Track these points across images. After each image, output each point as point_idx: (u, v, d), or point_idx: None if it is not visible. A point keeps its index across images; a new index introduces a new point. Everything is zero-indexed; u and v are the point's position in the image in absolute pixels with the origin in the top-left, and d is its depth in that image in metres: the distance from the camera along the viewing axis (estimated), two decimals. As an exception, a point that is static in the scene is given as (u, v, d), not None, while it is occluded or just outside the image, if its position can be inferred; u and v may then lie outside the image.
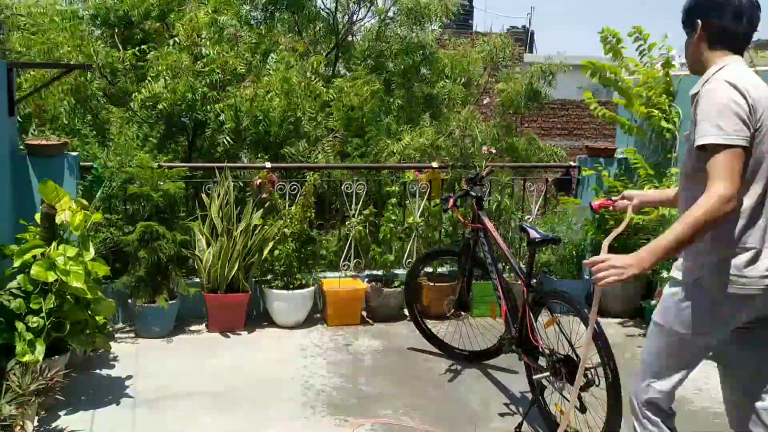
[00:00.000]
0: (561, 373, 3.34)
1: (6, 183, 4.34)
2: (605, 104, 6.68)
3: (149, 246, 4.70)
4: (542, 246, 4.48)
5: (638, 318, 5.45)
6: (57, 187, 4.00)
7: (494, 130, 8.79)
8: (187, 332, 4.92)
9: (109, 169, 4.85)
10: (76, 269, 3.62)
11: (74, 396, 3.74)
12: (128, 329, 4.88)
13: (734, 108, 2.09)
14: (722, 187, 2.05)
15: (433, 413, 3.78)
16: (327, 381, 4.15)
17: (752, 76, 2.20)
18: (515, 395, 4.00)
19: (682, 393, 4.12)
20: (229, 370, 4.29)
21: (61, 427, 3.47)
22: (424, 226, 5.67)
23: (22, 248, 3.70)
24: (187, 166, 5.36)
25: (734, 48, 2.28)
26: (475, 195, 4.31)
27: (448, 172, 5.68)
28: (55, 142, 4.69)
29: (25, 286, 3.59)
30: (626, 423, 3.20)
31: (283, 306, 5.06)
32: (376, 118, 7.83)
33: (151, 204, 4.82)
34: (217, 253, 4.92)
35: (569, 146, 16.45)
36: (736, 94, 2.10)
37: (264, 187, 5.22)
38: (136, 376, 4.12)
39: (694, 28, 2.32)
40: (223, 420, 3.63)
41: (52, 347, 3.63)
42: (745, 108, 2.09)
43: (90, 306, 3.79)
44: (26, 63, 6.22)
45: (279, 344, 4.79)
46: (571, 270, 5.53)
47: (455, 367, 4.41)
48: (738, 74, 2.18)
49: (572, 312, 3.39)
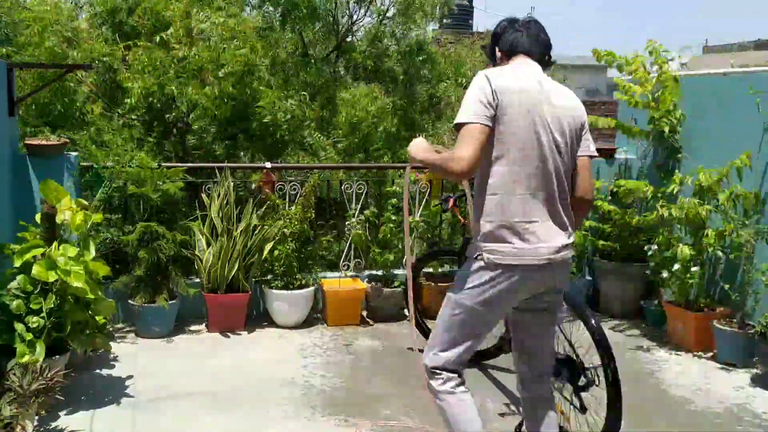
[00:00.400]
0: (561, 374, 3.33)
1: (6, 183, 4.34)
2: (605, 104, 6.67)
3: (149, 246, 4.71)
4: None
5: (638, 318, 5.45)
6: (58, 186, 4.00)
7: None
8: (187, 332, 4.92)
9: (109, 170, 4.85)
10: (77, 269, 3.62)
11: (74, 396, 3.74)
12: (128, 329, 4.88)
13: (478, 94, 2.44)
14: (458, 151, 2.40)
15: (433, 413, 3.75)
16: (327, 381, 4.15)
17: (512, 69, 2.56)
18: (515, 395, 3.99)
19: (682, 393, 4.13)
20: (229, 370, 4.29)
21: (61, 427, 3.47)
22: (424, 226, 5.67)
23: (23, 248, 3.70)
24: (186, 166, 5.36)
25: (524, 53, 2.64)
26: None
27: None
28: (55, 142, 4.69)
29: (26, 287, 3.59)
30: (626, 423, 3.21)
31: (283, 306, 5.06)
32: (384, 135, 7.76)
33: (150, 204, 4.83)
34: (217, 253, 4.92)
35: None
36: (484, 83, 2.46)
37: (263, 187, 5.22)
38: (136, 376, 4.12)
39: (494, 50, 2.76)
40: (223, 420, 3.63)
41: (52, 347, 3.63)
42: (488, 93, 2.43)
43: (90, 306, 3.79)
44: (26, 63, 6.21)
45: (279, 344, 4.79)
46: (571, 270, 5.53)
47: (455, 367, 4.40)
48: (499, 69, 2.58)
49: (572, 312, 3.39)
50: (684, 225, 4.86)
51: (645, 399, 4.02)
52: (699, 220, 4.73)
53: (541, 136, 2.45)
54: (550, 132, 2.48)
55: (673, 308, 4.93)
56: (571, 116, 2.55)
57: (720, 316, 4.70)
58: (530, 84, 2.50)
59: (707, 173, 4.77)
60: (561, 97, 2.55)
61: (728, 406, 3.96)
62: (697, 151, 5.18)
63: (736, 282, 4.78)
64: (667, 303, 5.02)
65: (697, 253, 4.73)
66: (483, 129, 2.40)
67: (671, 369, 4.51)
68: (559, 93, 2.56)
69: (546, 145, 2.46)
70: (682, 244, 4.74)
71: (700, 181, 4.78)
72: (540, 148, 2.45)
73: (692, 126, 5.30)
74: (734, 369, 4.48)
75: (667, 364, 4.60)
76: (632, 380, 4.08)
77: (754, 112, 4.66)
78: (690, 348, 4.79)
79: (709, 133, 5.14)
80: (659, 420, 3.77)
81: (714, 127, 5.10)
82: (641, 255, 5.29)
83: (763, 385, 4.24)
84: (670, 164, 5.39)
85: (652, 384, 4.27)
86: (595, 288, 5.70)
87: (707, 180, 4.75)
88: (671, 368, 4.52)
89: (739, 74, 5.27)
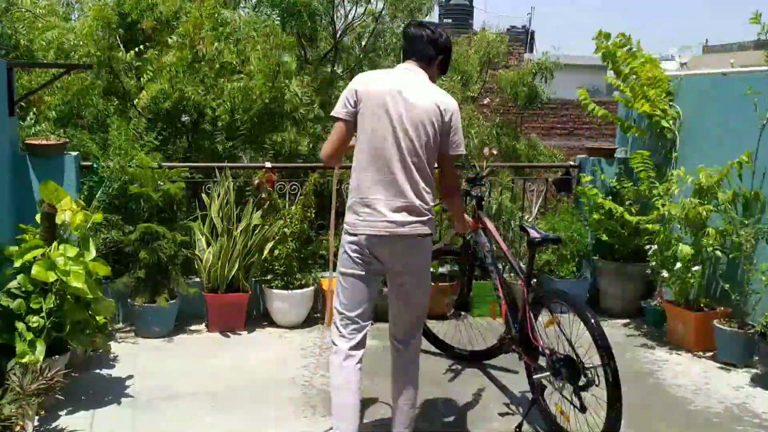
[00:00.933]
0: (561, 373, 3.34)
1: (6, 183, 4.34)
2: (605, 104, 6.67)
3: (149, 246, 4.70)
4: (542, 246, 4.48)
5: (638, 318, 5.45)
6: (58, 187, 4.00)
7: (494, 130, 8.79)
8: (187, 332, 4.92)
9: (109, 170, 4.85)
10: (76, 269, 3.61)
11: (74, 396, 3.74)
12: (128, 329, 4.88)
13: (345, 93, 2.94)
14: (325, 146, 3.00)
15: (433, 413, 3.78)
16: (327, 381, 4.14)
17: (381, 73, 3.08)
18: (515, 395, 4.00)
19: (682, 393, 4.13)
20: (229, 370, 4.29)
21: (61, 427, 3.47)
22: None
23: (23, 248, 3.70)
24: (187, 166, 5.36)
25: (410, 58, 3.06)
26: (476, 195, 4.31)
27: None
28: (55, 142, 4.69)
29: (26, 286, 3.59)
30: (626, 423, 3.21)
31: (283, 306, 5.06)
32: None
33: (151, 204, 4.83)
34: (217, 252, 4.92)
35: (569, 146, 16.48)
36: (351, 85, 2.96)
37: (263, 186, 5.22)
38: (136, 376, 4.12)
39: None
40: (223, 420, 3.63)
41: (53, 347, 3.63)
42: (352, 93, 2.91)
43: (90, 306, 3.79)
44: (26, 63, 6.22)
45: (279, 344, 4.79)
46: (571, 270, 5.53)
47: (455, 367, 4.41)
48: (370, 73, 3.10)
49: (572, 312, 3.39)
50: (684, 225, 4.86)
51: (645, 399, 4.02)
52: (699, 220, 4.73)
53: (393, 131, 2.86)
54: (402, 127, 2.87)
55: (673, 308, 4.94)
56: (426, 116, 2.90)
57: (720, 315, 4.70)
58: (391, 85, 2.91)
59: (707, 173, 4.77)
60: (421, 99, 2.91)
61: (728, 405, 3.96)
62: (696, 150, 5.18)
63: (736, 282, 4.78)
64: (667, 303, 5.02)
65: (697, 252, 4.73)
66: (345, 123, 2.93)
67: (671, 369, 4.51)
68: (421, 96, 2.92)
69: (391, 139, 2.87)
70: (683, 244, 4.74)
71: (700, 180, 4.78)
72: (386, 141, 2.87)
73: (692, 126, 5.31)
74: (734, 369, 4.48)
75: (667, 363, 4.60)
76: (632, 380, 4.08)
77: (754, 111, 4.66)
78: (690, 348, 4.80)
79: (709, 133, 5.14)
80: (659, 420, 3.77)
81: (714, 127, 5.11)
82: (641, 255, 5.29)
83: (763, 385, 4.24)
84: (669, 164, 5.39)
85: (652, 384, 4.27)
86: (595, 288, 5.70)
87: (707, 180, 4.75)
88: (671, 368, 4.52)
89: (739, 74, 5.27)
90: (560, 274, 5.51)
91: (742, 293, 4.69)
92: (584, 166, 5.92)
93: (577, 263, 5.56)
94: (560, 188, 6.14)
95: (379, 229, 2.90)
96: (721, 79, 5.28)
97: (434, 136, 2.93)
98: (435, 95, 2.97)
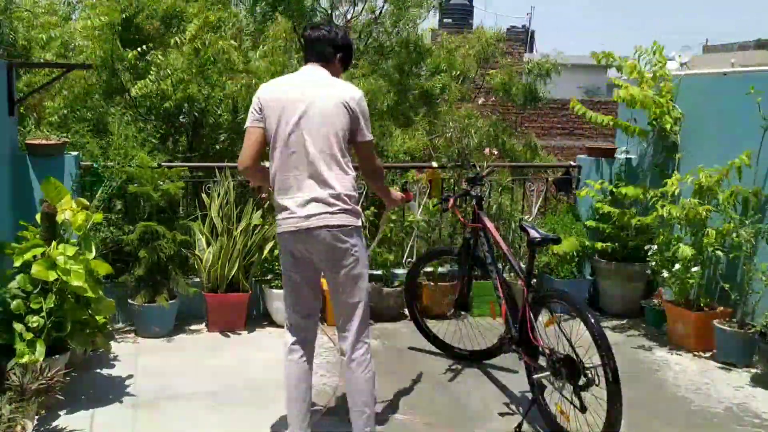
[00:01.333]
0: (561, 373, 3.34)
1: (6, 182, 4.34)
2: (605, 104, 6.66)
3: (149, 246, 4.70)
4: (542, 246, 4.48)
5: (638, 318, 5.45)
6: (59, 184, 4.00)
7: (492, 130, 8.79)
8: (187, 332, 4.92)
9: (110, 169, 4.85)
10: (77, 268, 3.61)
11: (74, 396, 3.74)
12: (128, 329, 4.88)
13: (253, 104, 3.07)
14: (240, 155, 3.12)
15: (433, 413, 3.78)
16: (327, 380, 4.15)
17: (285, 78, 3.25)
18: (515, 395, 4.00)
19: (682, 393, 4.14)
20: (229, 370, 4.29)
21: (61, 427, 3.47)
22: (425, 226, 5.67)
23: (23, 247, 3.70)
24: (187, 165, 5.36)
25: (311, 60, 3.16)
26: (475, 195, 4.31)
27: (447, 171, 5.68)
28: (55, 141, 4.69)
29: (25, 286, 3.58)
30: (626, 422, 3.21)
31: (283, 306, 5.05)
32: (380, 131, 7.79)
33: (151, 204, 4.82)
34: (217, 252, 4.92)
35: (569, 146, 16.47)
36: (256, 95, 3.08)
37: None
38: (136, 375, 4.12)
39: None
40: (223, 420, 3.63)
41: (53, 347, 3.62)
42: (257, 102, 3.04)
43: (90, 305, 3.79)
44: (26, 63, 6.22)
45: (279, 344, 4.75)
46: (571, 270, 5.53)
47: (455, 367, 4.41)
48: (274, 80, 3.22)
49: (572, 312, 3.39)
50: (684, 225, 4.86)
51: (645, 399, 4.02)
52: (699, 220, 4.73)
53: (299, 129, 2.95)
54: (307, 125, 2.95)
55: (673, 308, 4.93)
56: (332, 109, 2.97)
57: (720, 315, 4.70)
58: (294, 86, 3.04)
59: (707, 173, 4.77)
60: (325, 94, 2.99)
61: (728, 405, 3.96)
62: (697, 150, 5.18)
63: (736, 282, 4.78)
64: (667, 303, 5.02)
65: (697, 252, 4.73)
66: (254, 130, 3.04)
67: (671, 368, 4.51)
68: (325, 91, 3.01)
69: (297, 137, 2.95)
70: (683, 244, 4.74)
71: (700, 180, 4.78)
72: (292, 140, 2.95)
73: (692, 125, 5.30)
74: (734, 369, 4.48)
75: (667, 363, 4.60)
76: (632, 380, 4.07)
77: (755, 111, 4.66)
78: (690, 348, 4.79)
79: (709, 133, 5.13)
80: (659, 420, 3.77)
81: (714, 127, 5.10)
82: (641, 255, 5.29)
83: (763, 384, 4.24)
84: (670, 164, 5.39)
85: (652, 384, 4.27)
86: (595, 288, 5.70)
87: (707, 180, 4.75)
88: (671, 368, 4.52)
89: (740, 74, 5.27)
90: (560, 274, 5.51)
91: (742, 293, 4.69)
92: (584, 166, 5.92)
93: (577, 263, 5.56)
94: (560, 188, 6.14)
95: (291, 225, 2.99)
96: (722, 78, 5.27)
97: (342, 127, 2.99)
98: (337, 88, 3.05)
